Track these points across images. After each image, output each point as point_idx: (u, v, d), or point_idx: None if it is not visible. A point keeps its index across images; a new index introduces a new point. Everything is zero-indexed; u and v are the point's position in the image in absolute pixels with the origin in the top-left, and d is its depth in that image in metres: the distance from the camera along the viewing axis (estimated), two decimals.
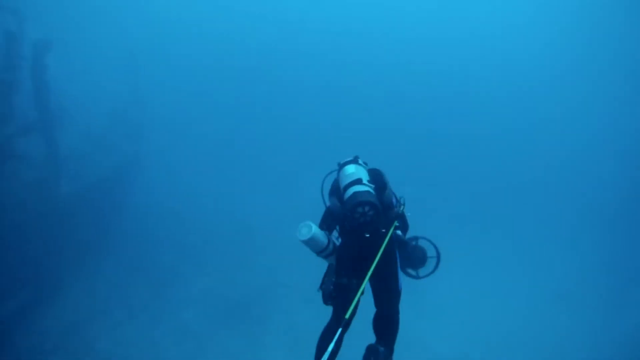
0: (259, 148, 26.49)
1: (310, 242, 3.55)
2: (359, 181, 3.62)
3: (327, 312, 3.65)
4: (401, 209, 3.79)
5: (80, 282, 12.41)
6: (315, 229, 3.55)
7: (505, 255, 18.70)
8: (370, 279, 3.47)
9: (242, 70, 34.07)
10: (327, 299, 3.59)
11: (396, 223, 3.72)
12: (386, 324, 3.57)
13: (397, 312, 3.64)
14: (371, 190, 3.57)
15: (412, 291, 4.31)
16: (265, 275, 14.59)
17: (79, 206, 11.93)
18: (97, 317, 11.59)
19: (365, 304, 3.66)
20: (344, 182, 3.68)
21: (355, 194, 3.50)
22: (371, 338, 3.63)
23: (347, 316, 3.19)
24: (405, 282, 3.78)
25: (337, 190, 3.84)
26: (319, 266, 3.98)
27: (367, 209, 3.47)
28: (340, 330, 3.17)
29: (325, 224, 3.83)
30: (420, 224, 4.14)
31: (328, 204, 3.88)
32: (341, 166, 3.90)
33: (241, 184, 22.08)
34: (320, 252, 3.66)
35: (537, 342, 13.35)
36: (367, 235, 3.54)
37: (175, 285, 13.98)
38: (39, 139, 11.05)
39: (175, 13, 34.28)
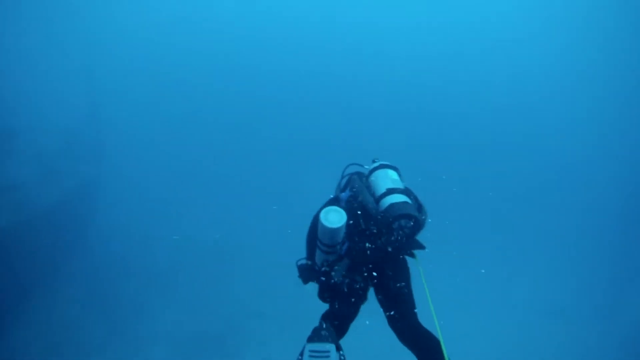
0: (228, 170, 25.18)
1: (333, 233, 3.00)
2: (406, 193, 3.20)
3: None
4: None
5: (23, 321, 10.95)
6: (345, 219, 2.99)
7: (498, 268, 17.87)
8: (384, 302, 3.20)
9: (209, 86, 33.00)
10: (326, 292, 3.19)
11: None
12: (426, 342, 2.97)
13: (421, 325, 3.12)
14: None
15: None
16: (238, 305, 13.70)
17: (21, 238, 10.66)
18: None
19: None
20: (386, 185, 3.22)
21: (406, 204, 3.06)
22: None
23: None
24: None
25: (360, 188, 3.33)
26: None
27: (408, 225, 3.05)
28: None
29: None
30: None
31: (354, 196, 3.31)
32: (382, 166, 3.43)
33: (212, 208, 20.87)
34: (331, 246, 3.10)
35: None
36: (390, 250, 3.14)
37: (139, 320, 12.87)
38: None
39: (138, 24, 32.95)
